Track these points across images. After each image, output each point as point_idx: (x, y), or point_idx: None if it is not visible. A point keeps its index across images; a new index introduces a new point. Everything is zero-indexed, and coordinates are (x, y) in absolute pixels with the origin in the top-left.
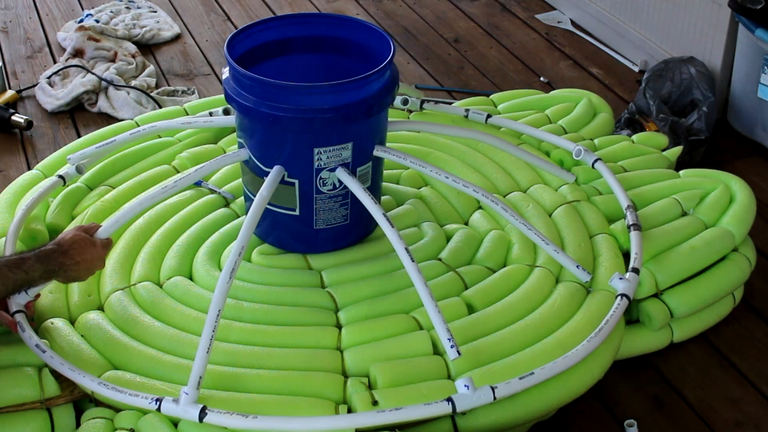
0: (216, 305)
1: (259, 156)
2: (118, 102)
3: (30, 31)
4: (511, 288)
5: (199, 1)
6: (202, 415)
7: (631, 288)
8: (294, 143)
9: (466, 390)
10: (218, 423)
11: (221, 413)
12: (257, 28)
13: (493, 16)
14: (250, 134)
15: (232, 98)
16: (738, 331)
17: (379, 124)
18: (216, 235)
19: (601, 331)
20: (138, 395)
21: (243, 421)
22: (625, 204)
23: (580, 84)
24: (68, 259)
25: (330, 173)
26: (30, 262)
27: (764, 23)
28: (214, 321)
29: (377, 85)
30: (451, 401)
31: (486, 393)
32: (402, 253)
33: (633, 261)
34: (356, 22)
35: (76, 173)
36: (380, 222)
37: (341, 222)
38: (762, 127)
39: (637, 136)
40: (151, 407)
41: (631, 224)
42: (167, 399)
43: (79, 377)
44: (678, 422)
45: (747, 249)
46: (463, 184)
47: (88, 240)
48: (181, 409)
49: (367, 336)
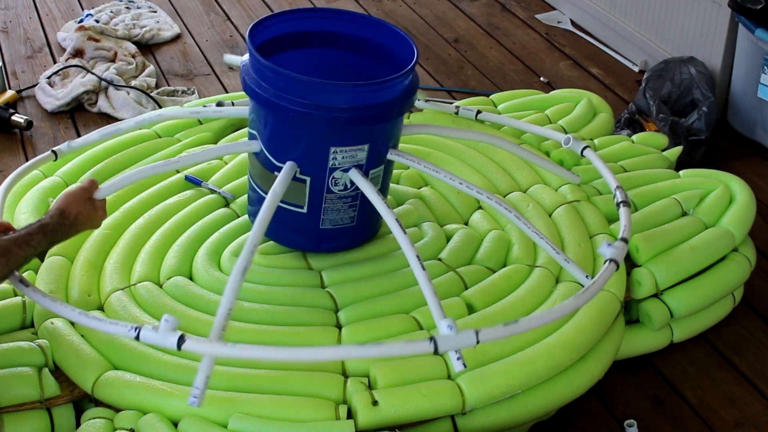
0: (226, 305)
1: (272, 150)
2: (118, 102)
3: (30, 31)
4: (511, 288)
5: (199, 1)
6: (180, 342)
7: (619, 254)
8: (310, 140)
9: (449, 331)
10: (196, 350)
11: (200, 341)
12: (278, 19)
13: (493, 16)
14: (264, 126)
15: (250, 88)
16: (738, 331)
17: (395, 128)
18: (216, 235)
19: (588, 290)
20: (117, 324)
21: (222, 349)
22: (614, 185)
23: (580, 84)
24: (73, 230)
25: (343, 173)
26: (38, 237)
27: (764, 23)
28: (228, 308)
29: (400, 89)
30: (434, 341)
31: (469, 336)
32: (413, 261)
33: (622, 232)
34: (378, 23)
35: (69, 149)
36: (392, 227)
37: (348, 224)
38: (762, 127)
39: (637, 136)
40: (130, 335)
41: (620, 201)
42: (146, 327)
43: (61, 309)
44: (678, 422)
45: (747, 249)
46: (477, 190)
47: (92, 207)
48: (159, 336)
49: (367, 336)
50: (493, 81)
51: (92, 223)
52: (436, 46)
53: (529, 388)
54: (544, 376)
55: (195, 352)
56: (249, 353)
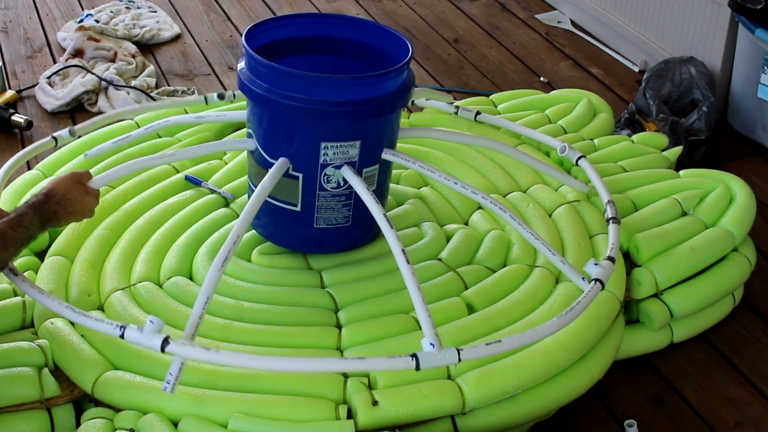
0: (204, 295)
1: (266, 146)
2: (118, 102)
3: (30, 31)
4: (511, 288)
5: (199, 1)
6: (164, 345)
7: (605, 274)
8: (301, 135)
9: (432, 348)
10: (179, 354)
11: (183, 344)
12: (278, 23)
13: (493, 16)
14: (258, 123)
15: (244, 85)
16: (738, 331)
17: (389, 126)
18: (216, 235)
19: (572, 310)
20: (103, 321)
21: (205, 354)
22: (606, 199)
23: (580, 84)
24: (62, 209)
25: (335, 170)
26: (29, 216)
27: (764, 23)
28: (201, 309)
29: (391, 86)
30: (416, 358)
31: (451, 354)
32: (399, 255)
33: (609, 251)
34: (378, 27)
35: (69, 135)
36: (380, 222)
37: (342, 223)
38: (762, 127)
39: (637, 136)
40: (114, 333)
41: (610, 218)
42: (131, 326)
43: (48, 302)
44: (678, 422)
45: (747, 249)
46: (471, 190)
47: (82, 189)
48: (144, 337)
49: (367, 336)
50: (493, 81)
51: (83, 207)
52: (436, 46)
53: (529, 388)
54: (543, 376)
55: (177, 354)
56: (230, 360)
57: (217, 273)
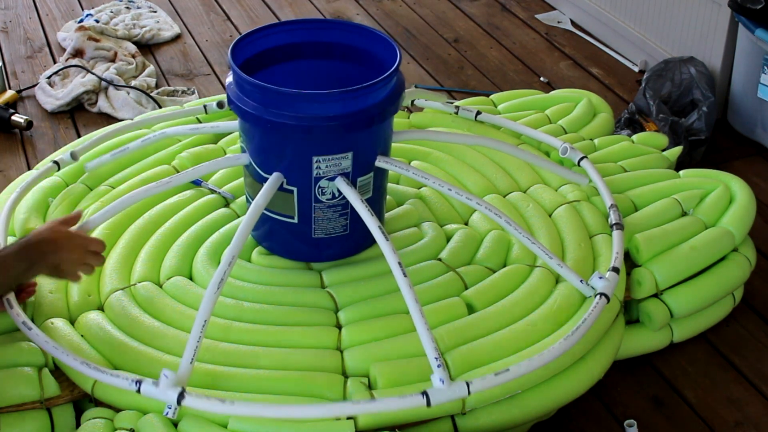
0: (202, 316)
1: (259, 162)
2: (118, 102)
3: (30, 31)
4: (511, 288)
5: (199, 1)
6: (180, 398)
7: (610, 287)
8: (293, 151)
9: (441, 384)
10: (196, 407)
11: (199, 397)
12: (264, 33)
13: (493, 16)
14: (250, 139)
15: (233, 102)
16: (738, 331)
17: (381, 134)
18: (216, 235)
19: (578, 330)
20: (118, 376)
21: (220, 407)
22: (609, 203)
23: (580, 84)
24: (47, 246)
25: (329, 182)
26: (10, 257)
27: (764, 23)
28: (200, 332)
29: (379, 95)
30: (426, 395)
31: (461, 388)
32: (395, 268)
33: (614, 260)
34: (366, 30)
35: (70, 159)
36: (374, 233)
37: (341, 232)
38: (762, 127)
39: (637, 136)
40: (131, 388)
41: (613, 223)
42: (147, 381)
43: (65, 357)
44: (678, 422)
45: (747, 249)
46: (466, 196)
47: (65, 230)
48: (160, 391)
49: (367, 336)
50: (493, 81)
51: (74, 244)
52: (436, 46)
53: (529, 388)
54: (543, 376)
55: (194, 408)
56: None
57: (213, 296)
